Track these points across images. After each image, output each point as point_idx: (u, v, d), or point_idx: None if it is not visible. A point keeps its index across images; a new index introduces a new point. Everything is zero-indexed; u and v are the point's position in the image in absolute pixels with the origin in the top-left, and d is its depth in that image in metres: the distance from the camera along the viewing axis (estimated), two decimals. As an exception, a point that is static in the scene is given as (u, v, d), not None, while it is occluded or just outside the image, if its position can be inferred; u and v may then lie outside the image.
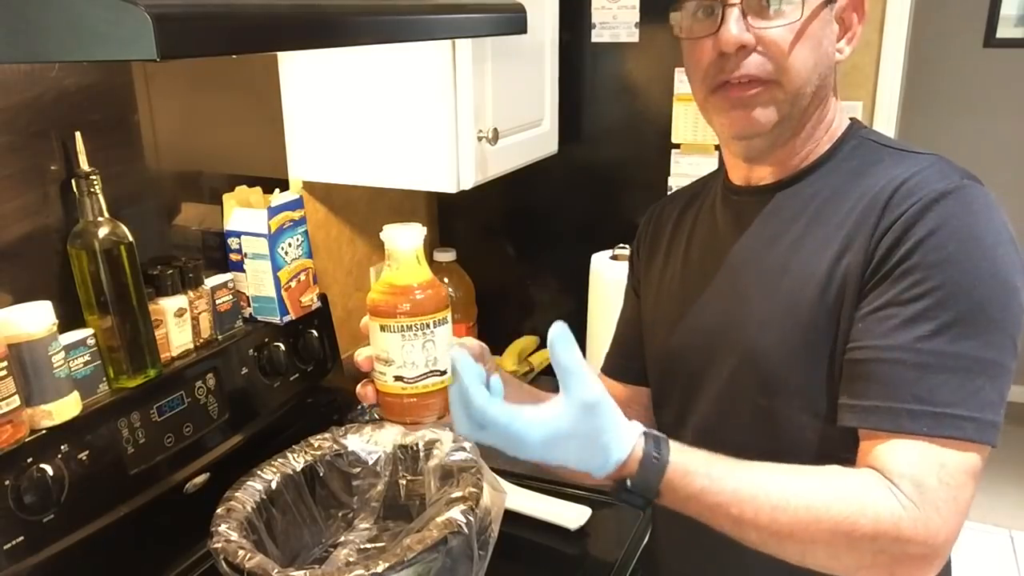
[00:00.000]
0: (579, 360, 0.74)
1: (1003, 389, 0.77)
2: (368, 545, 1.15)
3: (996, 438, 0.76)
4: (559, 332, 0.73)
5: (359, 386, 0.84)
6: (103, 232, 1.05)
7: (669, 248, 1.06)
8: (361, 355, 0.83)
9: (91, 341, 1.05)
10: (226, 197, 1.32)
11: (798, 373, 0.87)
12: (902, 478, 0.75)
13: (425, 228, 0.80)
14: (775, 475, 0.78)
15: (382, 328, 0.78)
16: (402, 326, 0.78)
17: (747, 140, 0.90)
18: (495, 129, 1.40)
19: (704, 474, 0.77)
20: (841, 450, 0.86)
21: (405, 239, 0.79)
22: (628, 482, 0.76)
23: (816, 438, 0.88)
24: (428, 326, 0.78)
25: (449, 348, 0.80)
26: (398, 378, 0.79)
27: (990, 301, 0.77)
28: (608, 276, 1.68)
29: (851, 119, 0.95)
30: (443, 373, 0.80)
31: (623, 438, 0.76)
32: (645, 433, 0.78)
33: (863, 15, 0.88)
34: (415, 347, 0.78)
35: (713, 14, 0.85)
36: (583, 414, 0.74)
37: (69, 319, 1.04)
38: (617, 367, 1.14)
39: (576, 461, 0.75)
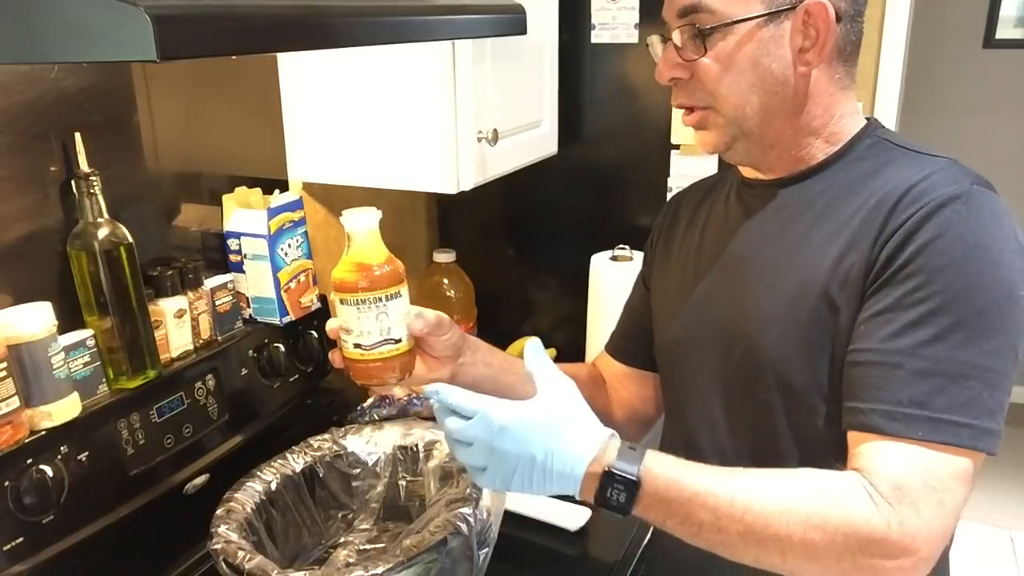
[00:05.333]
0: (550, 366, 0.83)
1: (1002, 397, 0.77)
2: (368, 546, 1.15)
3: (994, 446, 0.76)
4: (533, 348, 0.84)
5: (331, 352, 0.96)
6: (103, 233, 1.05)
7: (684, 238, 1.07)
8: (330, 325, 0.94)
9: (91, 342, 1.05)
10: (226, 198, 1.32)
11: (799, 371, 0.87)
12: (881, 478, 0.75)
13: (380, 212, 0.90)
14: (748, 473, 0.79)
15: (341, 301, 0.90)
16: (357, 300, 0.89)
17: (720, 155, 0.94)
18: (495, 130, 1.40)
19: (681, 465, 0.79)
20: (842, 447, 0.86)
21: (359, 221, 0.89)
22: (611, 468, 0.77)
23: (815, 435, 0.88)
24: (380, 300, 0.89)
25: (404, 319, 0.92)
26: (357, 345, 0.91)
27: (992, 308, 0.76)
28: (608, 276, 1.67)
29: (868, 118, 0.94)
30: (398, 341, 0.91)
31: (598, 427, 0.81)
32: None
33: (829, 22, 0.84)
34: (369, 318, 0.89)
35: (665, 43, 0.91)
36: (558, 400, 0.80)
37: (69, 320, 1.04)
38: (618, 348, 1.18)
39: (558, 451, 0.78)
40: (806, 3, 0.84)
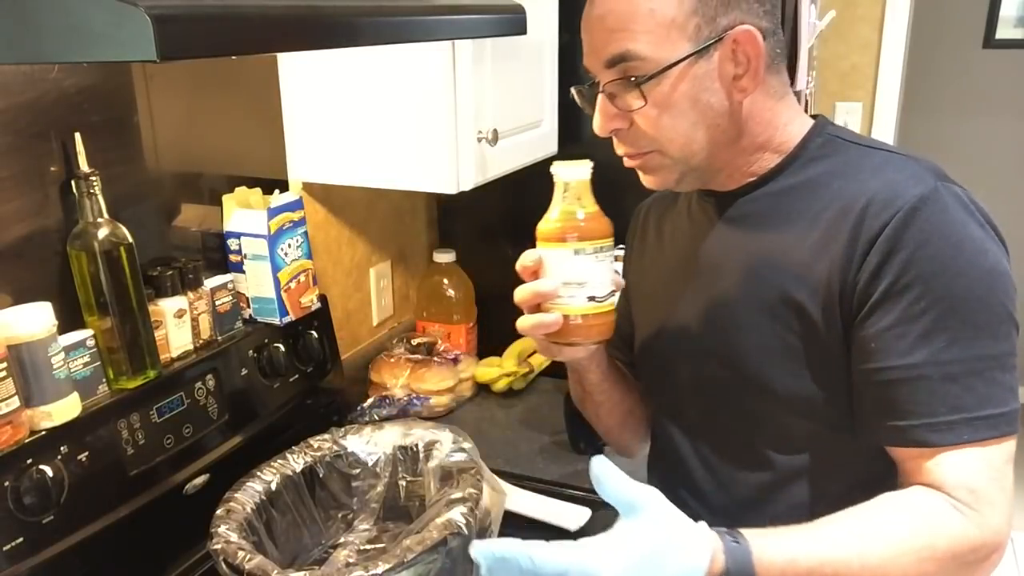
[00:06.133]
0: (628, 481, 0.73)
1: (1016, 372, 0.81)
2: (368, 546, 1.15)
3: (1018, 424, 0.80)
4: (600, 465, 0.73)
5: (529, 319, 0.89)
6: (103, 233, 1.05)
7: (653, 248, 1.07)
8: (544, 287, 0.86)
9: (91, 342, 1.05)
10: (226, 198, 1.32)
11: (780, 376, 0.87)
12: (956, 488, 0.78)
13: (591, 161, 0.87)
14: (845, 523, 0.78)
15: (576, 252, 0.85)
16: (597, 248, 0.85)
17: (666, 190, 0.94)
18: (495, 130, 1.40)
19: (787, 541, 0.76)
20: (830, 446, 0.87)
21: (587, 173, 0.87)
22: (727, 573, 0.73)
23: (803, 435, 0.89)
24: (611, 248, 0.86)
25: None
26: (591, 298, 0.85)
27: (990, 296, 0.79)
28: (608, 277, 1.67)
29: (815, 116, 0.94)
30: (615, 293, 0.88)
31: (699, 541, 0.73)
32: (715, 529, 0.76)
33: (759, 49, 0.84)
34: (604, 267, 0.86)
35: (595, 94, 0.89)
36: (655, 523, 0.72)
37: (69, 320, 1.04)
38: (611, 356, 1.15)
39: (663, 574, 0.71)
40: (732, 33, 0.83)
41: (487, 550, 0.70)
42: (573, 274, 0.85)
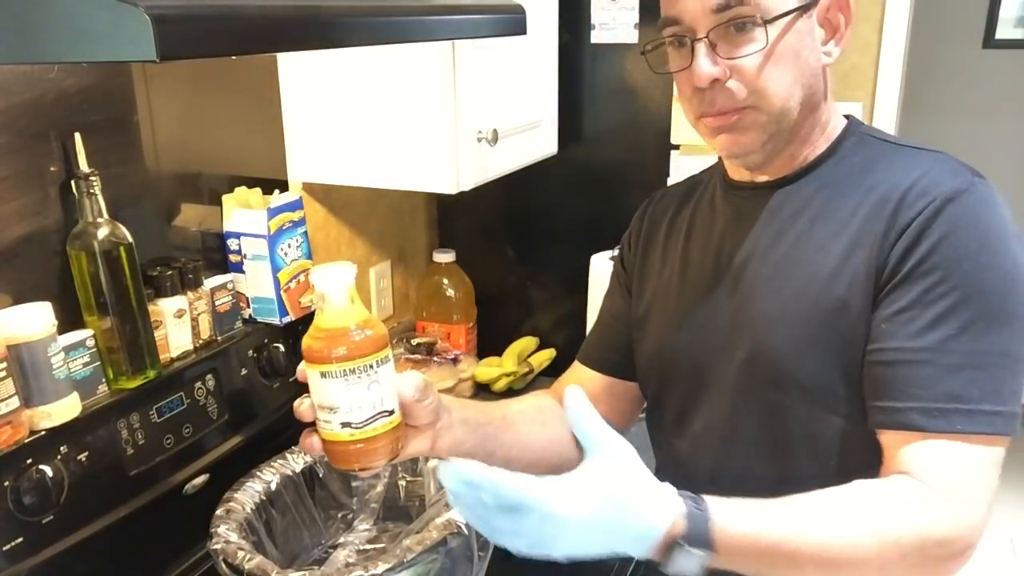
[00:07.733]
0: (602, 425, 0.74)
1: (1022, 379, 0.80)
2: (367, 546, 1.15)
3: (1017, 428, 0.79)
4: (574, 398, 0.74)
5: (302, 437, 0.80)
6: (103, 233, 1.05)
7: (666, 244, 1.06)
8: (303, 405, 0.79)
9: (90, 342, 1.05)
10: (226, 198, 1.32)
11: (809, 369, 0.87)
12: (934, 479, 0.77)
13: (355, 266, 0.76)
14: (812, 503, 0.77)
15: (323, 375, 0.74)
16: (344, 371, 0.73)
17: (740, 158, 0.92)
18: (495, 130, 1.40)
19: (748, 514, 0.75)
20: (855, 445, 0.86)
21: (335, 281, 0.75)
22: (681, 541, 0.72)
23: (829, 434, 0.88)
24: (371, 367, 0.74)
25: (394, 386, 0.78)
26: (345, 424, 0.75)
27: (1008, 296, 0.79)
28: (608, 276, 1.67)
29: (847, 116, 0.95)
30: (391, 413, 0.77)
31: (663, 500, 0.73)
32: (678, 492, 0.75)
33: (850, 15, 0.87)
34: (359, 390, 0.74)
35: (685, 46, 0.86)
36: (622, 476, 0.72)
37: (68, 320, 1.04)
38: (597, 358, 1.13)
39: (622, 537, 0.72)
40: None
41: (455, 472, 0.69)
42: (321, 398, 0.75)
